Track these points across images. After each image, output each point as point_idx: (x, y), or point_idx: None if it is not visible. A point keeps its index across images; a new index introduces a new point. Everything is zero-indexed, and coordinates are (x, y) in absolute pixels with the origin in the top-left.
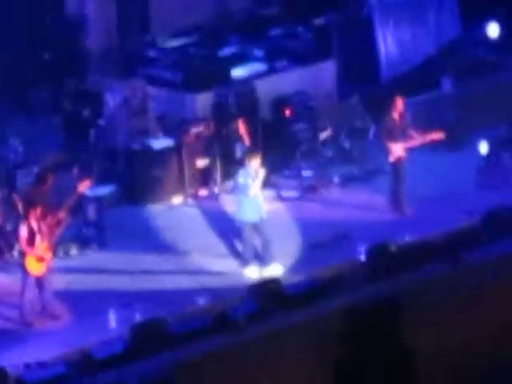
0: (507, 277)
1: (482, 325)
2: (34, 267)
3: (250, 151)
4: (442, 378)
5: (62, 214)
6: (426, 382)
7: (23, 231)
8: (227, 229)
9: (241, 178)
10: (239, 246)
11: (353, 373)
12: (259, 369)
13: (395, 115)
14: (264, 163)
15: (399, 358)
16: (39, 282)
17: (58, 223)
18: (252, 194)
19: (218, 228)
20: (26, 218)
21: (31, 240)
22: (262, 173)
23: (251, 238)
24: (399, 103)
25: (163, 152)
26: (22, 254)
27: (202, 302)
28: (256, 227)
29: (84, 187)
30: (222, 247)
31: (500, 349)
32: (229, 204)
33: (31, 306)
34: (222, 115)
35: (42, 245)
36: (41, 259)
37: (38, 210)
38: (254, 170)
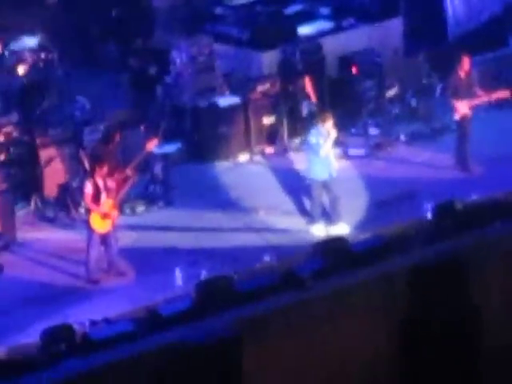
0: None
1: None
2: (99, 224)
3: (323, 111)
4: (509, 335)
5: (128, 171)
6: (493, 339)
7: (88, 188)
8: (294, 186)
9: (312, 137)
10: (306, 204)
11: (420, 333)
12: (325, 326)
13: (461, 73)
14: (332, 121)
15: (466, 315)
16: (104, 239)
17: (125, 180)
18: (323, 153)
19: (285, 185)
20: (92, 175)
21: (96, 197)
22: (334, 133)
23: (320, 196)
24: (465, 61)
25: (229, 109)
26: (88, 211)
27: (268, 259)
28: (325, 185)
29: (152, 145)
30: (288, 205)
31: None
32: (296, 161)
33: (97, 263)
34: (288, 73)
35: (107, 202)
36: (106, 216)
37: (105, 168)
38: (326, 130)
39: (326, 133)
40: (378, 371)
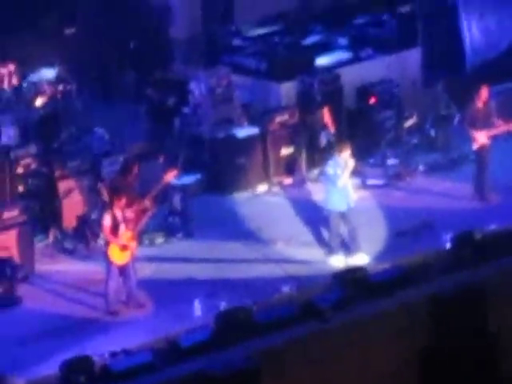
0: None
1: None
2: (117, 256)
3: (340, 141)
4: None
5: (147, 203)
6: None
7: (107, 220)
8: (313, 217)
9: (330, 167)
10: (325, 235)
11: (440, 360)
12: (344, 357)
13: (479, 103)
14: (350, 151)
15: (485, 344)
16: (123, 270)
17: (144, 212)
18: (341, 184)
19: (304, 216)
20: (111, 206)
21: (115, 229)
22: (351, 163)
23: (338, 226)
24: (484, 91)
25: (248, 140)
26: (106, 243)
27: (287, 290)
28: (343, 216)
29: (171, 176)
30: (307, 235)
31: None
32: (314, 192)
33: (115, 294)
34: (306, 103)
35: (126, 234)
36: (124, 248)
37: (123, 199)
38: (344, 160)
39: (343, 163)
40: None
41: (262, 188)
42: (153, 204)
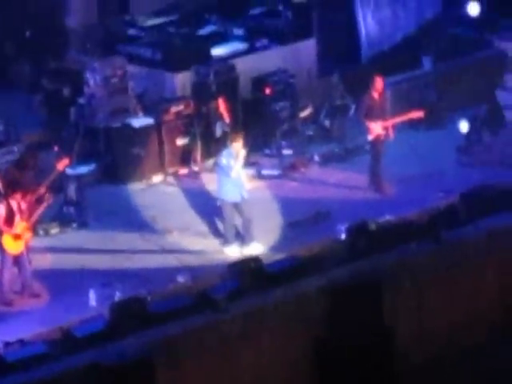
0: (487, 255)
1: (462, 303)
2: (11, 246)
3: (233, 132)
4: (422, 357)
5: (41, 192)
6: (405, 360)
7: (1, 210)
8: (207, 207)
9: (223, 158)
10: (220, 225)
11: (332, 351)
12: (239, 347)
13: (375, 94)
14: (244, 142)
15: (378, 336)
16: (18, 260)
17: (38, 202)
18: (234, 174)
19: (199, 207)
20: (5, 197)
21: (9, 219)
22: (242, 154)
23: (232, 217)
24: (379, 82)
25: (143, 130)
26: (0, 233)
27: (182, 280)
28: (237, 206)
29: (63, 165)
30: (202, 226)
31: (481, 327)
32: (209, 182)
33: (10, 285)
34: (201, 94)
35: (20, 224)
36: (18, 237)
37: (17, 190)
38: (236, 150)
39: (235, 153)
40: None
41: (157, 178)
42: (48, 194)
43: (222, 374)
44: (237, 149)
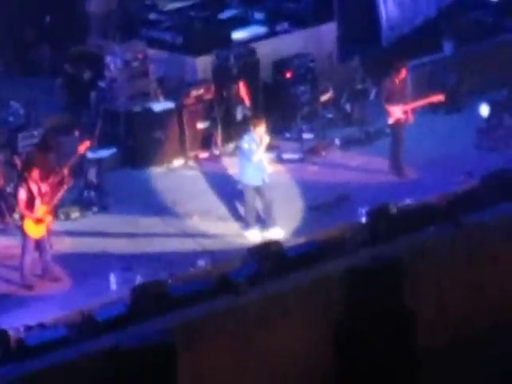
0: (506, 239)
1: (481, 286)
2: (33, 230)
3: (255, 117)
4: (442, 339)
5: (62, 175)
6: (426, 342)
7: (22, 194)
8: (228, 191)
9: (245, 142)
10: (241, 209)
11: (353, 334)
12: (260, 331)
13: (395, 78)
14: (265, 126)
15: (400, 318)
16: (39, 244)
17: (59, 185)
18: (256, 159)
19: (219, 190)
20: (25, 180)
21: (30, 203)
22: (266, 139)
23: (253, 201)
24: (399, 66)
25: (164, 114)
26: (21, 217)
27: (202, 264)
28: (258, 190)
29: (84, 148)
30: (222, 210)
31: (499, 310)
32: (230, 166)
33: (31, 268)
34: (222, 77)
35: (41, 207)
36: (39, 222)
37: (37, 172)
38: (259, 135)
39: (258, 138)
40: (315, 371)
41: (177, 162)
42: (69, 177)
43: (242, 357)
44: (260, 134)
